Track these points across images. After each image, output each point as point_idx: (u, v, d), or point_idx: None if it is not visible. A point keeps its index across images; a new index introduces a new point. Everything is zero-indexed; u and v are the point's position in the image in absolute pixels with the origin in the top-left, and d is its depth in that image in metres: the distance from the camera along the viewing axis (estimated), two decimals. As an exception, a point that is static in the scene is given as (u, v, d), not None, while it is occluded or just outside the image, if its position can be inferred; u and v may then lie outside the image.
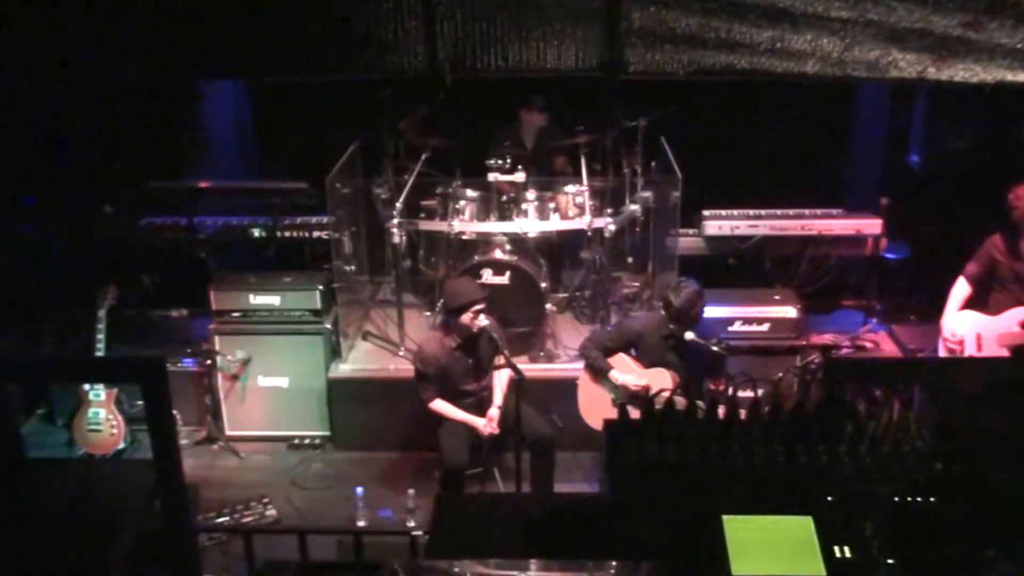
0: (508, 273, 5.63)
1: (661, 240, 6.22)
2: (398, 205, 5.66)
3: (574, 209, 5.83)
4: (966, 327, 4.96)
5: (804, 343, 5.66)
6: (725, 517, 1.98)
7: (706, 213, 6.25)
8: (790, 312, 5.67)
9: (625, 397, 4.74)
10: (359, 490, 5.01)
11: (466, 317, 4.76)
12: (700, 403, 2.41)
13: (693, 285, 4.71)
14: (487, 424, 4.86)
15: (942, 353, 5.09)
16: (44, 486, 2.21)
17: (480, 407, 4.96)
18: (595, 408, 4.89)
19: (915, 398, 4.66)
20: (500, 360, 4.71)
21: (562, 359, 5.76)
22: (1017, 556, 1.91)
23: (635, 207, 6.20)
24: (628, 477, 2.13)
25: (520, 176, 5.72)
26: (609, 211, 5.88)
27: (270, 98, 7.05)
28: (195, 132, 7.04)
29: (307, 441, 5.84)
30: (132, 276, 6.14)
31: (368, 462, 5.64)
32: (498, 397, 4.96)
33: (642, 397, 4.69)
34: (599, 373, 4.87)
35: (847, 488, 2.03)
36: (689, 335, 4.67)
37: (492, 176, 5.74)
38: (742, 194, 6.51)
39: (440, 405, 4.91)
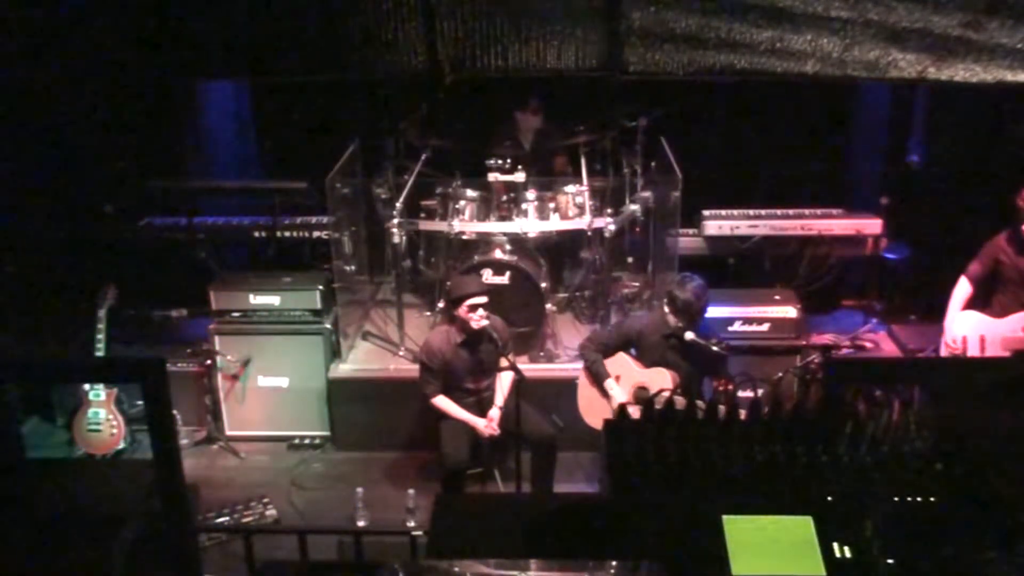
0: (508, 273, 5.62)
1: (661, 240, 6.21)
2: (398, 205, 5.65)
3: (574, 209, 5.83)
4: (969, 328, 4.93)
5: (804, 343, 5.65)
6: (725, 517, 1.98)
7: (706, 213, 6.25)
8: (790, 312, 5.66)
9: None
10: (359, 490, 5.00)
11: (462, 310, 4.76)
12: (700, 403, 2.41)
13: (698, 279, 4.69)
14: (487, 425, 4.86)
15: (943, 355, 5.07)
16: (44, 486, 2.21)
17: (480, 407, 4.96)
18: (595, 408, 4.89)
19: (915, 398, 4.65)
20: (504, 362, 4.72)
21: (562, 359, 5.75)
22: (1017, 556, 1.91)
23: (635, 207, 6.19)
24: (628, 477, 2.13)
25: (520, 176, 5.71)
26: (609, 211, 5.88)
27: (270, 98, 7.05)
28: (195, 132, 7.04)
29: (307, 441, 5.84)
30: (132, 276, 6.13)
31: (368, 462, 5.64)
32: (499, 398, 4.97)
33: (639, 399, 4.70)
34: (596, 377, 4.87)
35: (847, 488, 2.03)
36: (689, 335, 4.65)
37: (492, 176, 5.74)
38: (742, 194, 6.50)
39: (441, 402, 4.92)
